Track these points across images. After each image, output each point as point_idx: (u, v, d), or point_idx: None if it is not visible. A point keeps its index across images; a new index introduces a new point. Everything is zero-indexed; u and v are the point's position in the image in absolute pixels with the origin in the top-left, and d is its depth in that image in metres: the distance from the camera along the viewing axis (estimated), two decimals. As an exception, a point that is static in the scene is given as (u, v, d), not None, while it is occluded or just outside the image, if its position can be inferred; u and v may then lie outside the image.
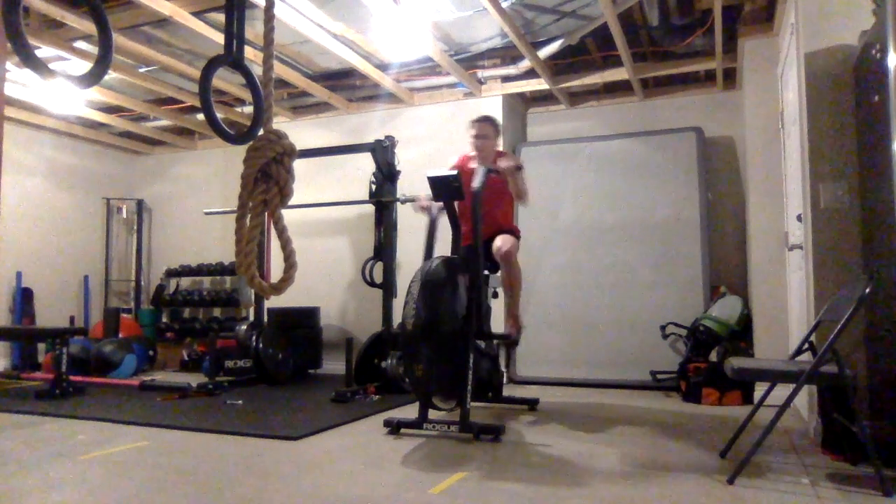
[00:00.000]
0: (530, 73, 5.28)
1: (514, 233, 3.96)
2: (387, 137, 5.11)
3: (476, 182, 3.50)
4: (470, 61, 5.27)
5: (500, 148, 4.14)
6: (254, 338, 5.12)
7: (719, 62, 4.83)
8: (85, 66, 4.69)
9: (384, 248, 5.00)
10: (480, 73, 5.40)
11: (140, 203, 7.26)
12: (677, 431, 3.32)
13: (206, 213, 6.29)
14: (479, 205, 3.48)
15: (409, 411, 3.59)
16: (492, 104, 5.52)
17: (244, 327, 5.26)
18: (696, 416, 3.77)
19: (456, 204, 3.67)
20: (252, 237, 1.43)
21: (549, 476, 2.48)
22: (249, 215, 1.45)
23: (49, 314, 6.50)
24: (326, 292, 6.00)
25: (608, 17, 4.06)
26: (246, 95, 5.63)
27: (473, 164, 3.88)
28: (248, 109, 6.13)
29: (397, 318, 3.82)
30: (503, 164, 3.68)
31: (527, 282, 4.24)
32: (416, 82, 5.63)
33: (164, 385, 4.85)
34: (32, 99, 5.62)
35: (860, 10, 2.86)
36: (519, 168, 3.69)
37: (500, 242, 3.72)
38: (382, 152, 5.02)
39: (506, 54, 5.23)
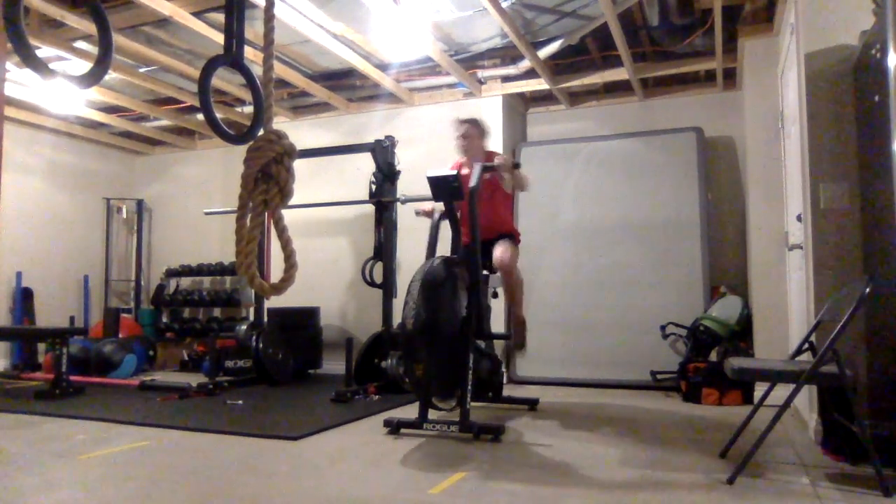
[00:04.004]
0: (530, 73, 5.28)
1: (514, 236, 3.96)
2: (387, 137, 5.11)
3: (473, 180, 3.51)
4: (470, 61, 5.27)
5: (491, 148, 4.13)
6: (254, 338, 5.12)
7: (719, 62, 4.83)
8: (85, 66, 4.69)
9: (384, 248, 5.00)
10: (480, 73, 5.40)
11: (140, 203, 7.26)
12: (677, 431, 3.32)
13: (206, 213, 6.29)
14: (475, 202, 3.48)
15: (409, 411, 3.59)
16: (492, 104, 5.52)
17: (244, 327, 5.26)
18: (696, 416, 3.77)
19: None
20: (252, 237, 1.43)
21: (549, 476, 2.48)
22: (250, 215, 1.45)
23: (49, 314, 6.50)
24: (326, 292, 6.00)
25: (608, 17, 4.06)
26: (246, 95, 5.63)
27: (466, 170, 3.88)
28: (248, 109, 6.13)
29: (397, 318, 3.82)
30: (499, 161, 3.66)
31: (527, 282, 4.24)
32: (416, 82, 5.63)
33: (164, 385, 4.85)
34: (32, 99, 5.62)
35: (860, 10, 2.86)
36: (516, 165, 3.69)
37: (500, 253, 3.72)
38: (382, 152, 5.02)
39: (506, 54, 5.23)
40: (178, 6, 3.97)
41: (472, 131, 3.90)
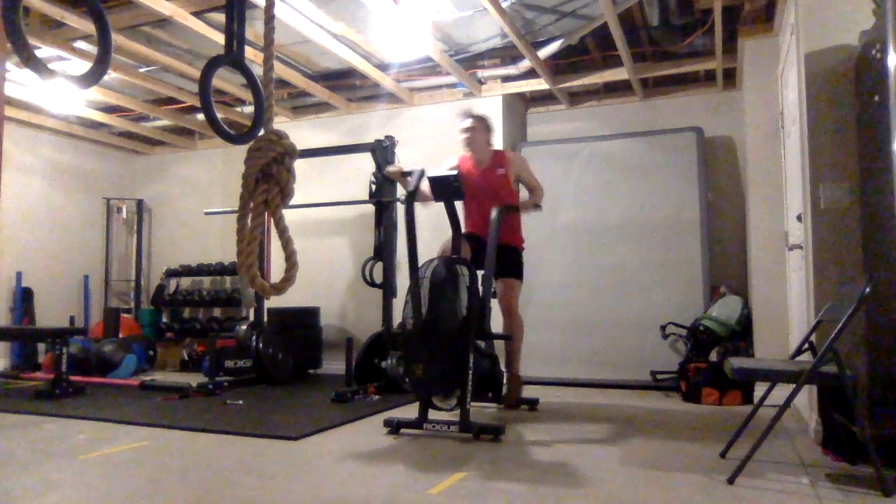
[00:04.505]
0: (530, 73, 5.28)
1: (519, 251, 3.99)
2: (387, 137, 5.11)
3: (492, 224, 3.56)
4: (470, 61, 5.27)
5: (495, 146, 4.15)
6: (254, 338, 5.12)
7: (719, 62, 4.84)
8: (85, 66, 4.69)
9: (384, 248, 5.00)
10: (480, 73, 5.40)
11: (140, 203, 7.26)
12: (677, 431, 3.32)
13: (206, 213, 6.29)
14: (496, 234, 3.55)
15: (409, 411, 3.59)
16: (492, 104, 5.52)
17: (244, 327, 5.26)
18: (696, 416, 3.77)
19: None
20: (253, 237, 1.43)
21: (549, 476, 2.48)
22: (250, 215, 1.45)
23: (49, 314, 6.50)
24: (326, 292, 6.00)
25: (608, 17, 4.06)
26: (246, 95, 5.63)
27: (470, 163, 3.91)
28: (249, 109, 6.13)
29: (397, 318, 3.82)
30: (525, 205, 3.82)
31: (527, 281, 4.24)
32: (416, 82, 5.63)
33: (164, 385, 4.85)
34: (32, 99, 5.62)
35: (860, 10, 2.86)
36: (537, 206, 3.87)
37: (505, 290, 3.81)
38: (382, 152, 5.02)
39: (506, 54, 5.23)
40: (178, 6, 3.97)
41: (476, 123, 3.91)
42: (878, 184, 2.55)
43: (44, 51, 4.49)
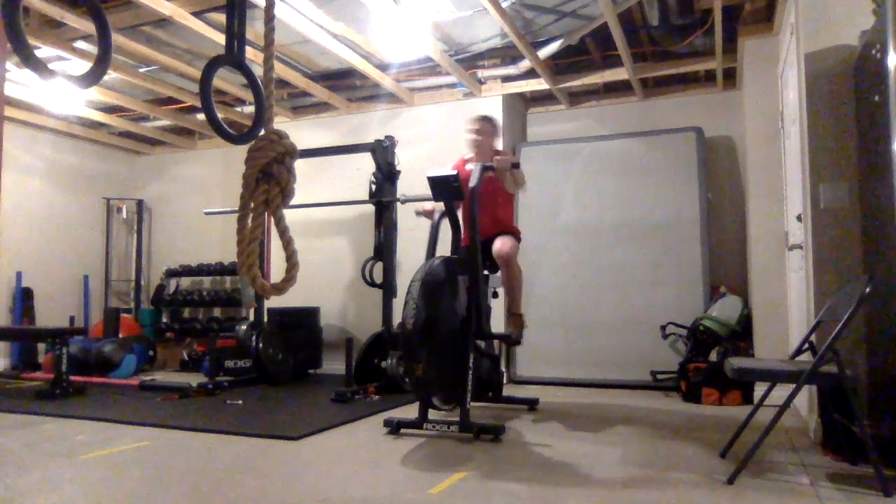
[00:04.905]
0: (530, 73, 5.28)
1: (515, 234, 3.96)
2: (387, 137, 5.11)
3: (473, 179, 3.51)
4: (470, 61, 5.27)
5: (500, 148, 4.15)
6: (254, 338, 5.12)
7: (719, 62, 4.84)
8: (85, 66, 4.69)
9: (384, 248, 5.00)
10: (480, 73, 5.40)
11: (140, 203, 7.26)
12: (677, 431, 3.32)
13: (206, 213, 6.29)
14: (476, 202, 3.48)
15: (409, 411, 3.60)
16: (492, 104, 5.52)
17: (244, 327, 5.26)
18: (696, 416, 3.77)
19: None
20: (254, 237, 1.43)
21: (549, 476, 2.48)
22: (251, 215, 1.45)
23: (49, 314, 6.50)
24: (326, 292, 6.00)
25: (608, 17, 4.06)
26: (246, 95, 5.63)
27: (471, 166, 3.89)
28: (249, 109, 6.13)
29: (397, 318, 3.82)
30: (498, 160, 3.68)
31: (527, 281, 4.24)
32: (416, 82, 5.63)
33: (164, 385, 4.85)
34: (32, 99, 5.62)
35: (860, 10, 2.86)
36: (515, 165, 3.69)
37: (500, 244, 3.71)
38: (382, 152, 5.02)
39: (506, 54, 5.23)
40: (178, 6, 3.97)
41: (486, 127, 3.90)
42: (878, 184, 2.56)
43: (44, 51, 4.49)
